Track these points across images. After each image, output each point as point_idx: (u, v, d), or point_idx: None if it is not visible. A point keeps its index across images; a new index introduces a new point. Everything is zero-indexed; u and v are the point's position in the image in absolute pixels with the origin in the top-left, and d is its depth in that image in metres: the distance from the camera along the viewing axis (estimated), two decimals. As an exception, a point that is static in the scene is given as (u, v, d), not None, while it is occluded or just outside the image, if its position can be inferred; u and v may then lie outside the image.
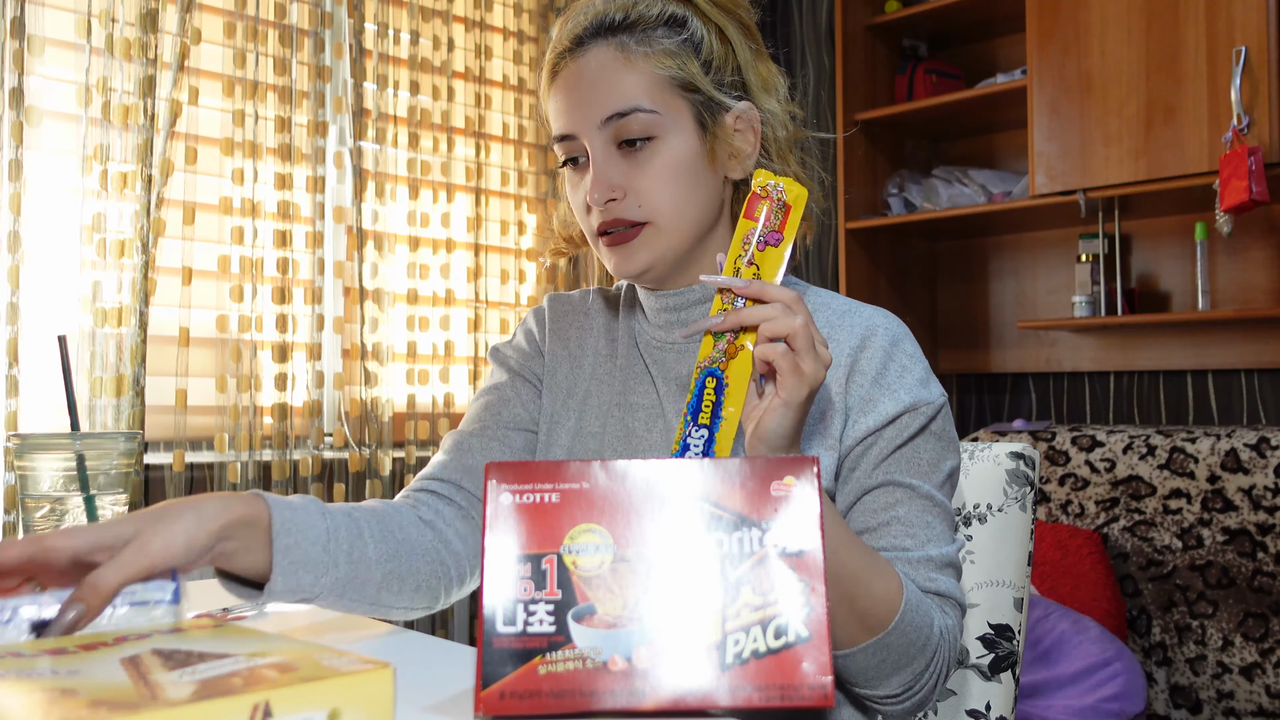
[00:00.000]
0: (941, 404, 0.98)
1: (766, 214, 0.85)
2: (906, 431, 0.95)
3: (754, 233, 0.85)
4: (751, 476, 0.66)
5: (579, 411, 1.06)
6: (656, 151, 0.95)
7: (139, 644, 0.63)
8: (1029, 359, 3.13)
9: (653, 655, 0.62)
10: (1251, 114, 2.37)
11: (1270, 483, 2.33)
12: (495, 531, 0.66)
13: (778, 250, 0.85)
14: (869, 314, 1.01)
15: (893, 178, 3.19)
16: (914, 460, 0.95)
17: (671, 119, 0.96)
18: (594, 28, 0.97)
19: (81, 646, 0.63)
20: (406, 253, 2.64)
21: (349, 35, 2.55)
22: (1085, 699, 2.14)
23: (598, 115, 0.95)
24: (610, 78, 0.95)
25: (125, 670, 0.57)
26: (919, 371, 0.98)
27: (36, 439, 0.91)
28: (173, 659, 0.59)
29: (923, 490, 0.94)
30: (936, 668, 0.89)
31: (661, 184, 0.95)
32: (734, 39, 1.01)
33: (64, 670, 0.58)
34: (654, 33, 0.96)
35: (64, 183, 2.13)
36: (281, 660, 0.58)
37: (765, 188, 0.86)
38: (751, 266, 0.83)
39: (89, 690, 0.54)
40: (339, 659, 0.59)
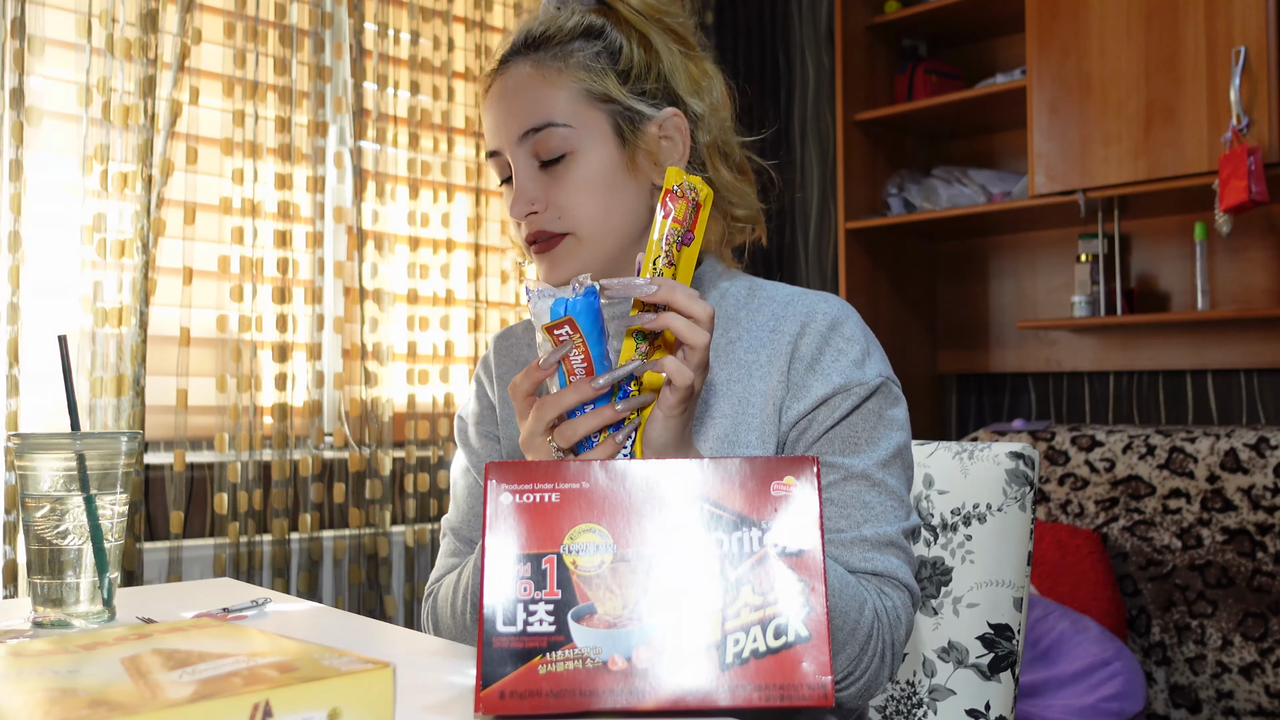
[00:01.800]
0: (878, 384, 0.96)
1: (684, 213, 0.85)
2: (838, 412, 0.94)
3: (672, 232, 0.84)
4: (751, 476, 0.67)
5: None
6: (573, 165, 0.97)
7: (139, 644, 0.63)
8: (1029, 359, 3.14)
9: (653, 655, 0.62)
10: (1251, 114, 2.37)
11: (1269, 482, 2.34)
12: (495, 531, 0.66)
13: (691, 250, 0.85)
14: (812, 300, 1.01)
15: (892, 178, 3.19)
16: (848, 440, 0.94)
17: (587, 132, 0.97)
18: (516, 45, 1.00)
19: (82, 646, 0.63)
20: (406, 253, 2.64)
21: (349, 35, 2.55)
22: (1085, 699, 2.14)
23: (515, 131, 0.98)
24: (526, 94, 0.98)
25: (125, 670, 0.57)
26: (854, 353, 0.97)
27: (36, 439, 0.91)
28: (173, 659, 0.59)
29: (856, 469, 0.93)
30: (875, 649, 0.88)
31: (579, 196, 0.97)
32: (658, 45, 1.01)
33: (64, 670, 0.58)
34: (569, 45, 0.98)
35: (64, 183, 2.13)
36: (281, 660, 0.59)
37: (681, 187, 0.86)
38: (671, 266, 0.83)
39: (89, 690, 0.54)
40: (339, 659, 0.59)
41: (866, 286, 3.13)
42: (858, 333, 0.98)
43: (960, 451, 1.23)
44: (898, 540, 0.92)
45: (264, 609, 1.01)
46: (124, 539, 1.00)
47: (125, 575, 2.13)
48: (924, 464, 1.24)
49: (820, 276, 3.44)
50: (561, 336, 0.80)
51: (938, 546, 1.21)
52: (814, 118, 3.49)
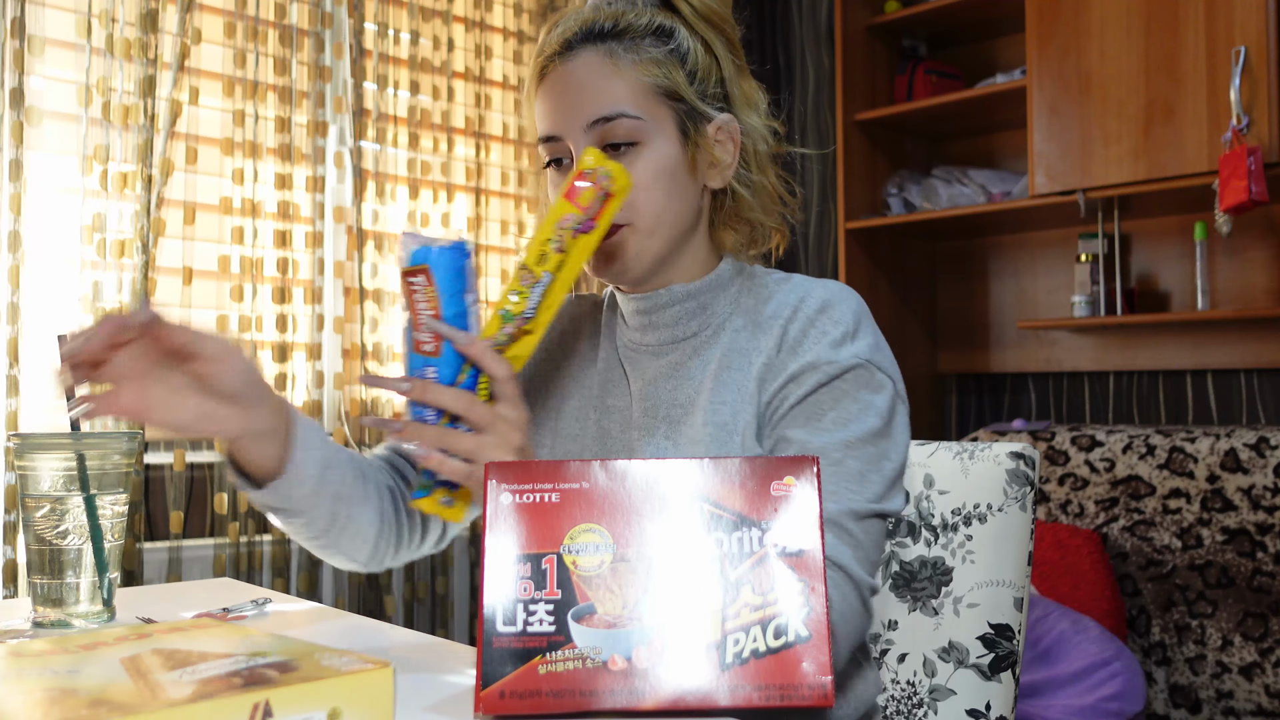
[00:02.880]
0: (852, 364, 0.95)
1: (590, 200, 0.81)
2: (804, 387, 0.94)
3: (571, 218, 0.81)
4: (751, 476, 0.67)
5: (557, 414, 1.08)
6: (639, 156, 0.97)
7: (139, 644, 0.63)
8: (1029, 359, 3.13)
9: (652, 655, 0.62)
10: (1251, 114, 2.37)
11: (1269, 482, 2.34)
12: (495, 531, 0.66)
13: (589, 239, 0.81)
14: (810, 285, 1.01)
15: (892, 178, 3.19)
16: (811, 415, 0.93)
17: (655, 126, 0.98)
18: (583, 33, 0.99)
19: (82, 646, 0.63)
20: (406, 253, 2.64)
21: (349, 35, 2.55)
22: (1085, 699, 2.14)
23: (584, 118, 0.97)
24: (598, 82, 0.97)
25: (125, 670, 0.57)
26: (836, 334, 0.96)
27: (36, 439, 0.91)
28: (173, 659, 0.59)
29: (814, 445, 0.91)
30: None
31: (643, 188, 0.97)
32: (719, 53, 1.03)
33: (64, 670, 0.58)
34: (642, 41, 0.98)
35: (64, 183, 2.13)
36: (282, 660, 0.59)
37: (594, 172, 0.82)
38: (560, 254, 0.80)
39: (89, 690, 0.54)
40: (339, 659, 0.59)
41: (866, 286, 3.13)
42: (847, 315, 0.98)
43: (960, 451, 1.23)
44: (842, 520, 0.89)
45: (264, 609, 1.01)
46: (124, 539, 1.00)
47: (125, 575, 2.13)
48: (924, 464, 1.24)
49: (820, 276, 3.44)
50: (414, 285, 0.77)
51: (938, 546, 1.21)
52: (814, 118, 3.49)
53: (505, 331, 0.79)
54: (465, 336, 0.78)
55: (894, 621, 1.22)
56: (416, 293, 0.77)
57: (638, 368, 1.05)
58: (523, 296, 0.79)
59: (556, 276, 0.81)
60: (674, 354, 1.03)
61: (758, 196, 1.04)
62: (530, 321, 0.80)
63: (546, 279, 0.80)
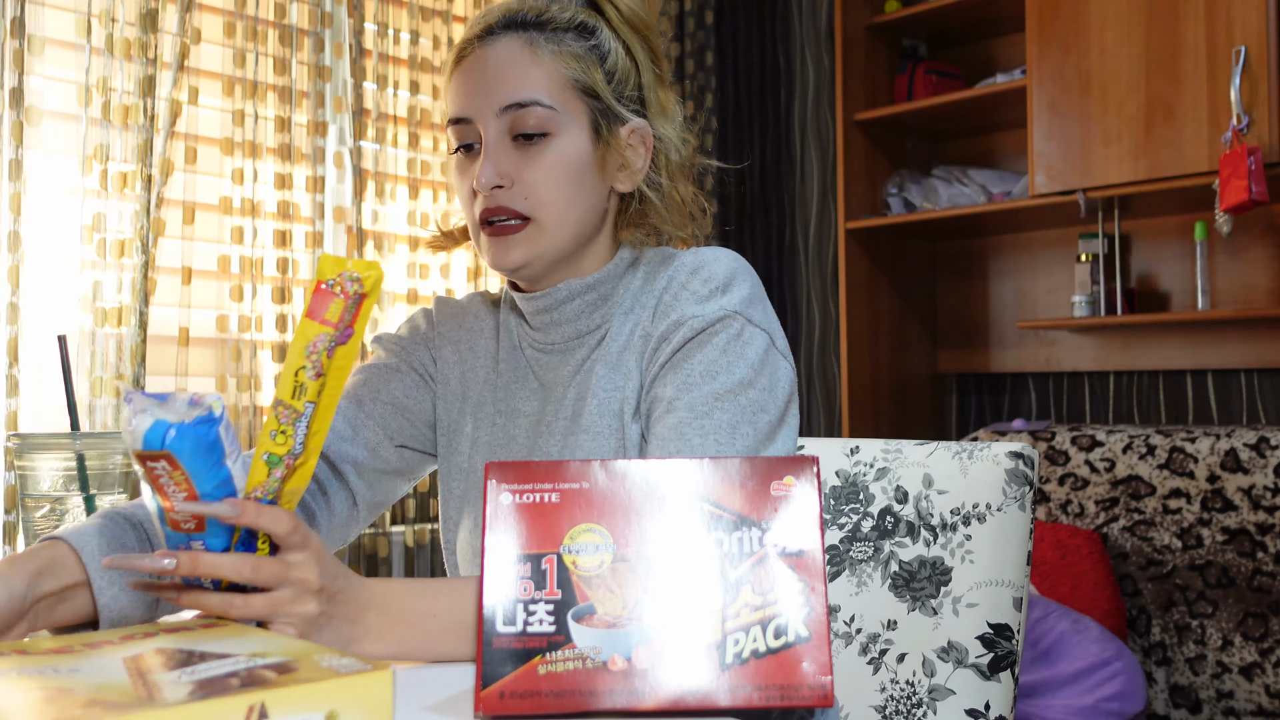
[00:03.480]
0: (719, 316, 0.93)
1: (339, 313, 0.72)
2: (671, 344, 0.93)
3: (324, 338, 0.72)
4: (751, 476, 0.67)
5: (472, 417, 1.07)
6: (549, 147, 0.97)
7: (143, 643, 0.63)
8: (1029, 359, 3.13)
9: (652, 655, 0.62)
10: (1251, 114, 2.37)
11: (1270, 482, 2.34)
12: (495, 531, 0.66)
13: (349, 347, 0.73)
14: (685, 255, 1.00)
15: (892, 178, 3.19)
16: (678, 372, 0.92)
17: (568, 119, 0.97)
18: (506, 21, 0.99)
19: (86, 645, 0.63)
20: (406, 253, 2.64)
21: (349, 35, 2.55)
22: (1085, 699, 2.14)
23: (498, 103, 0.96)
24: (515, 69, 0.97)
25: (126, 669, 0.57)
26: (705, 290, 0.95)
27: (36, 439, 0.91)
28: (174, 659, 0.59)
29: (682, 401, 0.90)
30: None
31: (549, 179, 0.96)
32: (640, 58, 1.03)
33: (65, 669, 0.58)
34: (564, 35, 0.98)
35: (64, 183, 2.13)
36: (281, 660, 0.59)
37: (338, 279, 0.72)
38: (319, 379, 0.71)
39: (87, 689, 0.54)
40: (339, 660, 0.59)
41: (866, 286, 3.13)
42: (719, 272, 0.96)
43: (960, 451, 1.23)
44: None
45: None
46: (124, 539, 0.99)
47: (125, 575, 2.13)
48: (923, 464, 1.24)
49: (820, 276, 3.44)
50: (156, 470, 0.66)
51: (937, 546, 1.21)
52: (814, 118, 3.49)
53: (275, 476, 0.71)
54: (229, 508, 0.68)
55: (893, 621, 1.22)
56: (160, 477, 0.67)
57: (547, 369, 1.04)
58: (287, 436, 0.71)
59: (319, 402, 0.73)
60: (580, 350, 1.03)
61: (667, 205, 1.03)
62: (300, 456, 0.72)
63: (309, 409, 0.72)
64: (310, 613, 0.71)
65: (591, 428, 0.97)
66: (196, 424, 0.66)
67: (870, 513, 1.27)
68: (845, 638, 1.25)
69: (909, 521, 1.23)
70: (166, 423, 0.65)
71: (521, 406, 1.04)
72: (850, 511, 1.28)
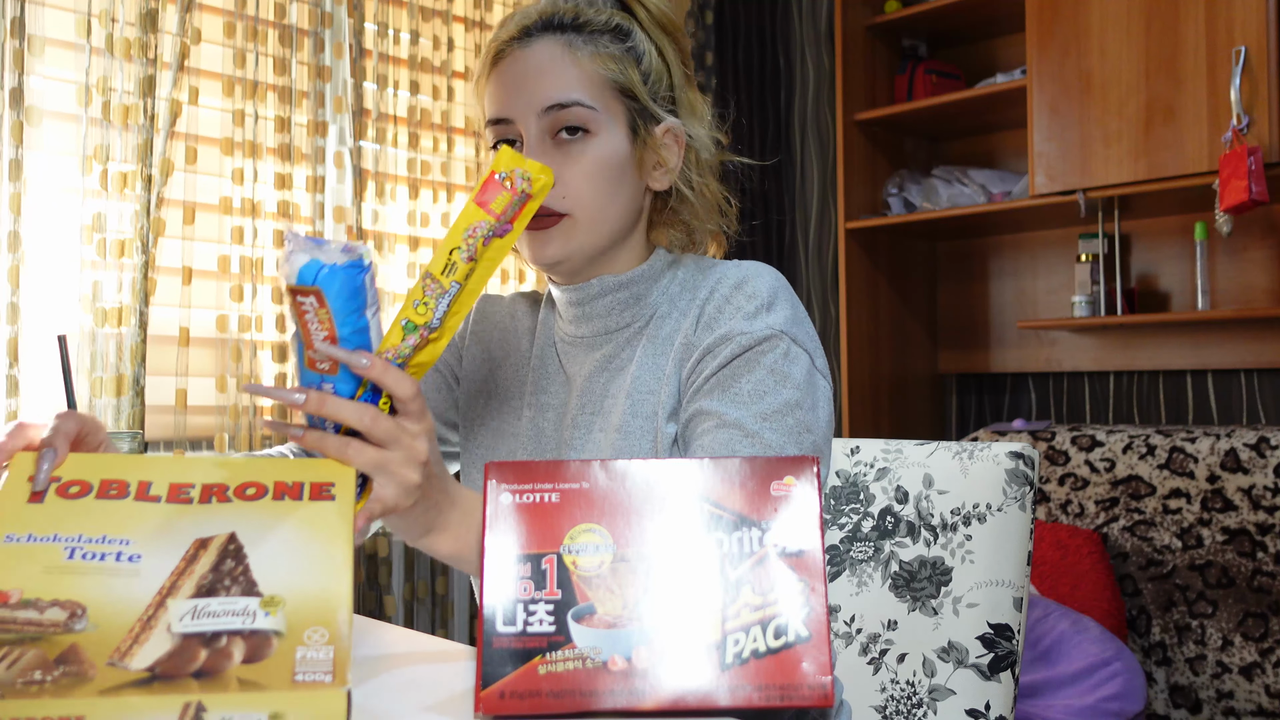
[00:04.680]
0: (766, 335, 0.94)
1: (504, 205, 0.75)
2: (718, 359, 0.94)
3: (483, 224, 0.74)
4: (751, 476, 0.67)
5: (498, 412, 1.09)
6: (589, 146, 0.98)
7: (223, 515, 0.66)
8: (1029, 359, 3.13)
9: (652, 655, 0.62)
10: (1251, 114, 2.37)
11: (1270, 483, 2.34)
12: (495, 531, 0.66)
13: (504, 241, 0.76)
14: (727, 267, 1.01)
15: (892, 178, 3.19)
16: (726, 387, 0.92)
17: (607, 119, 0.99)
18: (543, 23, 1.01)
19: (142, 494, 0.67)
20: (406, 252, 2.64)
21: (349, 35, 2.55)
22: (1085, 699, 2.14)
23: (539, 103, 0.98)
24: (555, 69, 0.99)
25: (161, 580, 0.63)
26: (751, 307, 0.96)
27: (37, 439, 0.91)
28: (203, 581, 0.63)
29: (730, 417, 0.90)
30: None
31: (588, 178, 0.98)
32: (670, 60, 1.05)
33: (128, 558, 0.63)
34: (600, 37, 1.00)
35: (64, 183, 2.13)
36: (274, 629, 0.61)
37: (510, 174, 0.75)
38: (469, 263, 0.74)
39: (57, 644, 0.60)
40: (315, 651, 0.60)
41: (866, 286, 3.13)
42: (763, 289, 0.97)
43: (960, 451, 1.23)
44: None
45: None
46: (124, 539, 0.99)
47: (125, 575, 2.13)
48: (923, 464, 1.24)
49: (820, 276, 3.44)
50: (304, 305, 0.69)
51: (938, 546, 1.21)
52: (814, 118, 3.49)
53: (408, 343, 0.73)
54: (363, 359, 0.71)
55: (893, 621, 1.22)
56: (307, 313, 0.69)
57: (574, 361, 1.06)
58: (428, 307, 0.73)
59: (465, 285, 0.75)
60: (608, 346, 1.04)
61: (699, 202, 1.06)
62: (435, 331, 0.74)
63: (454, 289, 0.74)
64: (411, 481, 0.73)
65: (625, 427, 0.98)
66: (348, 266, 0.68)
67: (870, 513, 1.27)
68: (845, 638, 1.25)
69: (909, 521, 1.23)
70: (320, 262, 0.68)
71: (550, 400, 1.06)
72: (850, 511, 1.28)
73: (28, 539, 0.64)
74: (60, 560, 0.63)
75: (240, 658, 0.60)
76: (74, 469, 0.68)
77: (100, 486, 0.67)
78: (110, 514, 0.65)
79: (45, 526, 0.65)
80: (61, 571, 0.63)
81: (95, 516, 0.65)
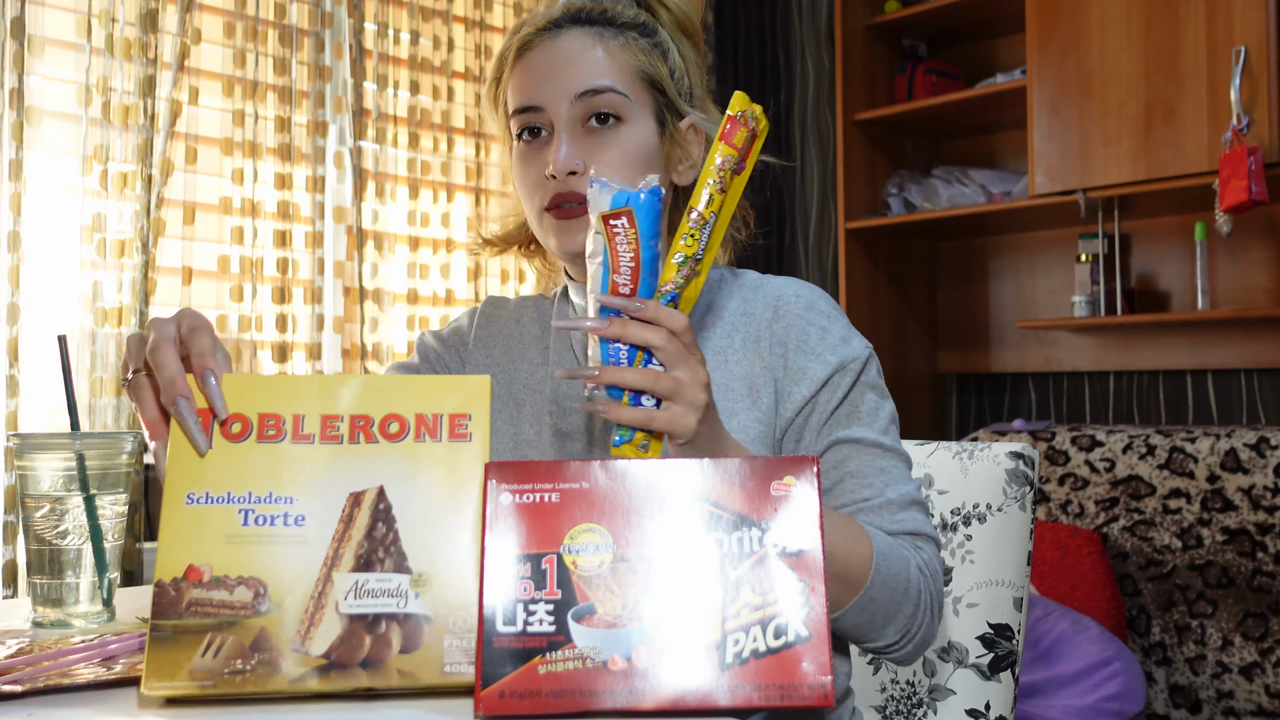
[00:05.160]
0: (867, 355, 1.00)
1: (743, 140, 0.82)
2: (840, 390, 0.98)
3: (730, 159, 0.81)
4: (751, 476, 0.67)
5: (514, 420, 1.08)
6: (620, 133, 0.99)
7: (370, 462, 0.70)
8: (1029, 359, 3.13)
9: (652, 655, 0.62)
10: (1251, 114, 2.37)
11: (1270, 482, 2.34)
12: (495, 531, 0.66)
13: (741, 178, 0.83)
14: (779, 284, 1.04)
15: (892, 178, 3.19)
16: (853, 414, 0.98)
17: (638, 108, 1.00)
18: (571, 16, 1.01)
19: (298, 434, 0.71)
20: (406, 253, 2.64)
21: (349, 35, 2.55)
22: (1085, 699, 2.14)
23: (572, 89, 0.98)
24: (588, 56, 0.99)
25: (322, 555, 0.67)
26: (839, 330, 1.00)
27: (36, 439, 0.91)
28: (359, 552, 0.68)
29: (869, 439, 0.97)
30: (926, 604, 0.92)
31: (622, 165, 0.98)
32: (691, 62, 1.06)
33: (295, 519, 0.68)
34: (627, 31, 1.01)
35: (64, 183, 2.13)
36: (422, 613, 0.67)
37: (744, 114, 0.83)
38: (723, 195, 0.81)
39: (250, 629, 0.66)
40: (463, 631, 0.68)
41: (866, 286, 3.13)
42: (833, 310, 1.03)
43: (960, 451, 1.23)
44: (917, 497, 0.97)
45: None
46: (124, 539, 1.00)
47: (125, 575, 2.13)
48: (924, 464, 1.24)
49: (820, 276, 3.44)
50: (616, 228, 0.78)
51: (938, 546, 1.21)
52: (814, 118, 3.49)
53: (681, 275, 0.81)
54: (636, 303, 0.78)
55: (894, 621, 1.22)
56: (618, 235, 0.78)
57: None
58: (694, 239, 0.81)
59: (719, 216, 0.82)
60: None
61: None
62: (699, 263, 0.81)
63: (712, 219, 0.82)
64: (701, 401, 0.78)
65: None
66: (651, 192, 0.78)
67: (870, 513, 1.26)
68: (845, 638, 1.25)
69: (909, 521, 1.23)
70: (629, 190, 0.78)
71: (572, 405, 1.05)
72: (850, 511, 1.28)
73: (205, 499, 0.68)
74: (237, 527, 0.68)
75: (398, 646, 0.66)
76: (229, 394, 0.71)
77: (259, 424, 0.70)
78: (272, 463, 0.69)
79: (218, 483, 0.69)
80: (240, 540, 0.67)
81: (259, 468, 0.69)
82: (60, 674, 0.70)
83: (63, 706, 0.65)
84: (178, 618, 0.65)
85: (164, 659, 0.64)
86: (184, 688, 0.64)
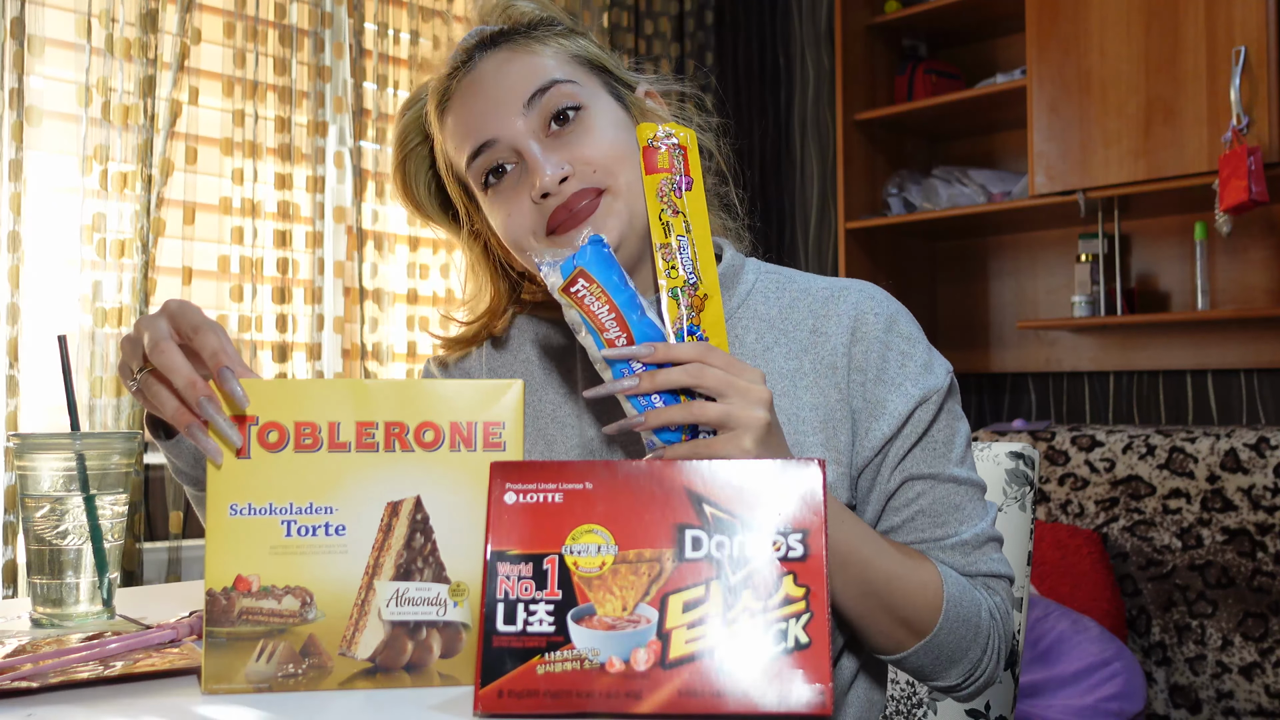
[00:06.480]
0: (949, 382, 0.93)
1: (667, 160, 0.81)
2: (921, 426, 0.91)
3: (665, 182, 0.81)
4: (755, 479, 0.67)
5: (544, 438, 1.00)
6: (587, 120, 0.91)
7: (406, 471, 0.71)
8: (1029, 359, 3.13)
9: (650, 658, 0.62)
10: (1251, 114, 2.37)
11: (1269, 482, 2.34)
12: (498, 530, 0.66)
13: (695, 194, 0.82)
14: (855, 298, 0.95)
15: (892, 178, 3.19)
16: (930, 449, 0.92)
17: (591, 90, 0.93)
18: (478, 43, 0.94)
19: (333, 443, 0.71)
20: (406, 253, 2.64)
21: (349, 35, 2.55)
22: (1085, 699, 2.14)
23: (517, 101, 0.91)
24: (514, 68, 0.92)
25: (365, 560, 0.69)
26: (920, 355, 0.92)
27: (36, 439, 0.91)
28: (399, 560, 0.70)
29: (944, 475, 0.91)
30: (994, 648, 0.90)
31: (606, 145, 0.91)
32: (602, 47, 1.01)
33: (335, 529, 0.69)
34: (535, 31, 0.95)
35: (64, 183, 2.13)
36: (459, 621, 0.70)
37: (655, 138, 0.84)
38: (679, 215, 0.80)
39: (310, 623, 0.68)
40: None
41: (866, 286, 3.13)
42: (913, 329, 0.94)
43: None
44: (993, 533, 0.93)
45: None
46: (124, 539, 1.00)
47: (125, 575, 2.13)
48: (924, 464, 1.24)
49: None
50: (580, 293, 0.77)
51: (938, 547, 1.21)
52: (814, 118, 3.49)
53: (684, 305, 0.80)
54: (643, 349, 0.75)
55: (894, 622, 1.22)
56: (585, 297, 0.77)
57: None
58: (675, 269, 0.80)
59: (691, 235, 0.81)
60: None
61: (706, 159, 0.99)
62: (697, 285, 0.80)
63: (683, 242, 0.81)
64: (761, 420, 0.74)
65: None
66: (591, 242, 0.77)
67: (870, 513, 1.26)
68: (845, 638, 1.25)
69: (909, 522, 1.23)
70: (570, 254, 0.77)
71: (613, 437, 0.97)
72: (850, 512, 1.28)
73: (248, 510, 0.69)
74: (280, 538, 0.69)
75: (439, 651, 0.69)
76: (264, 402, 0.71)
77: (295, 433, 0.71)
78: (311, 473, 0.70)
79: (260, 494, 0.70)
80: (284, 551, 0.69)
81: (298, 478, 0.70)
82: (60, 673, 0.70)
83: (63, 706, 0.66)
84: (230, 625, 0.68)
85: (221, 663, 0.68)
86: (241, 688, 0.68)
